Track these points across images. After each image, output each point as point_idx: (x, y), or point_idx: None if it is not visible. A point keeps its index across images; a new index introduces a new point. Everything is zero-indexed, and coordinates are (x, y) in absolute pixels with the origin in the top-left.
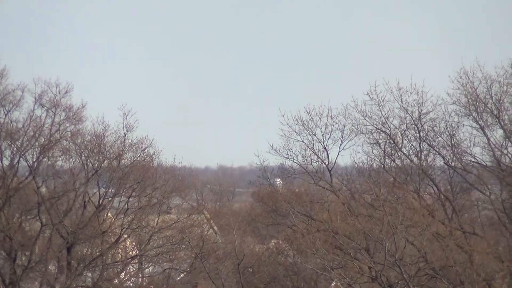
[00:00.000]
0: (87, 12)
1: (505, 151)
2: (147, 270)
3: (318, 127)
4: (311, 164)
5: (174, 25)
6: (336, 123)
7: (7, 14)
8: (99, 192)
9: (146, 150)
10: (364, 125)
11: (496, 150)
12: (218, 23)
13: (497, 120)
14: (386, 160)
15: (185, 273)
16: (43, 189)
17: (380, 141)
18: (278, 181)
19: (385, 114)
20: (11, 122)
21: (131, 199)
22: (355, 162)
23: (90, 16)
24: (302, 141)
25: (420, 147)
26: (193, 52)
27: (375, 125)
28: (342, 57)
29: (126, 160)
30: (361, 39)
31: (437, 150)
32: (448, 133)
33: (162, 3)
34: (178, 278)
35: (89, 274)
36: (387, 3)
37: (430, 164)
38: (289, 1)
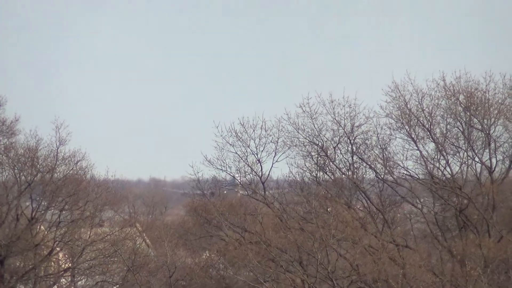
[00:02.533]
0: (19, 23)
1: (437, 164)
2: (79, 283)
3: (252, 139)
4: (244, 176)
5: (100, 34)
6: (270, 136)
7: None
8: (31, 205)
9: (78, 164)
10: (297, 138)
11: (428, 163)
12: (143, 29)
13: (428, 134)
14: (319, 173)
15: (117, 286)
16: None
17: (313, 154)
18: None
19: (318, 126)
20: None
21: (63, 212)
22: (288, 175)
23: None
24: (236, 153)
25: (352, 160)
26: (124, 62)
27: (308, 138)
28: (275, 69)
29: (58, 173)
30: (294, 51)
31: (369, 163)
32: (380, 147)
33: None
34: None
35: (22, 287)
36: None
37: (362, 177)
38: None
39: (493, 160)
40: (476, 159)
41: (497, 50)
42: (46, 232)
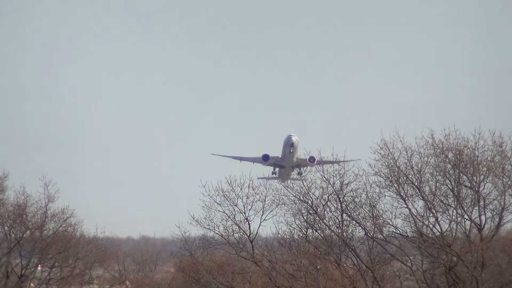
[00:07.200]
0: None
1: (426, 222)
2: None
3: (240, 197)
4: (232, 235)
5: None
6: (258, 194)
7: None
8: (21, 262)
9: (67, 221)
10: (286, 196)
11: (417, 221)
12: (127, 70)
13: (418, 191)
14: (308, 230)
15: None
16: None
17: (303, 212)
18: None
19: (307, 184)
20: None
21: (53, 269)
22: (277, 233)
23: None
24: (224, 212)
25: (341, 217)
26: (110, 115)
27: (296, 196)
28: (262, 123)
29: (48, 230)
30: (282, 104)
31: (358, 221)
32: (369, 204)
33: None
34: None
35: None
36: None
37: (351, 234)
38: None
39: (483, 218)
40: (466, 216)
41: (487, 107)
42: None
